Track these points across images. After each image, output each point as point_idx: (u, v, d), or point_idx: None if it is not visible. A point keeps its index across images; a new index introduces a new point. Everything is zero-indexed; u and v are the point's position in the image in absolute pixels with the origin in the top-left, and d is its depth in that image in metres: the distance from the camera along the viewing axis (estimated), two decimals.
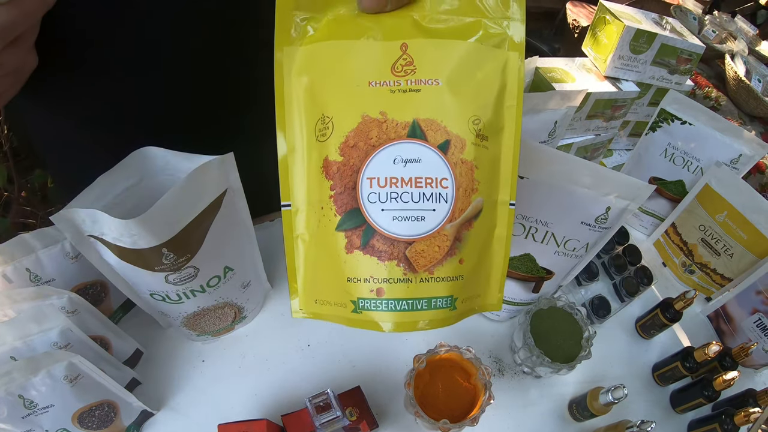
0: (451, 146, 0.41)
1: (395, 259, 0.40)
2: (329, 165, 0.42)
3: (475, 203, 0.42)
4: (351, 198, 0.41)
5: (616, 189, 0.64)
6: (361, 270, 0.41)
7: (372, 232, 0.40)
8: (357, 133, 0.41)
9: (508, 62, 0.43)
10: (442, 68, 0.41)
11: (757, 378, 0.92)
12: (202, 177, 0.54)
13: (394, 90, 0.41)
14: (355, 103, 0.41)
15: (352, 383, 0.70)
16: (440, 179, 0.40)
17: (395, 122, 0.40)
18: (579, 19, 2.37)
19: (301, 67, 0.43)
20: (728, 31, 1.97)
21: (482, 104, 0.42)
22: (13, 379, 0.51)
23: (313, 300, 0.46)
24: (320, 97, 0.42)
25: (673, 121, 0.96)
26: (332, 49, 0.42)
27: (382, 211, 0.40)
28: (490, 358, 0.82)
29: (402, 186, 0.40)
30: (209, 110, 0.73)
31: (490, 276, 0.47)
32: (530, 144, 0.62)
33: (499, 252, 0.46)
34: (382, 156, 0.40)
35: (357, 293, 0.42)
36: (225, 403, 0.71)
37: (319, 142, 0.42)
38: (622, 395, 0.68)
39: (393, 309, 0.41)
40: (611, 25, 0.98)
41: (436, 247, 0.41)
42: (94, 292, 0.69)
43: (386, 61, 0.41)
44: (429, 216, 0.40)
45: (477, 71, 0.42)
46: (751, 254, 0.89)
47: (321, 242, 0.43)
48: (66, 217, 0.52)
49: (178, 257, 0.56)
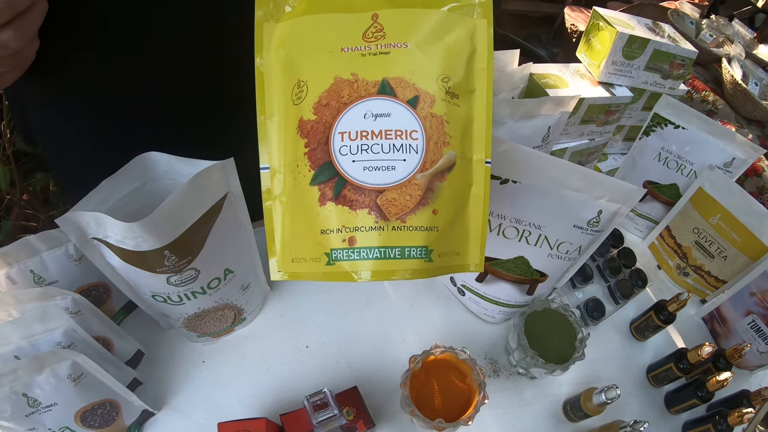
0: (420, 101, 0.43)
1: (366, 207, 0.42)
2: (304, 124, 0.44)
3: (448, 156, 0.44)
4: (324, 153, 0.43)
5: (607, 193, 0.65)
6: (333, 220, 0.43)
7: (343, 183, 0.42)
8: (329, 93, 0.43)
9: (477, 28, 0.46)
10: (411, 33, 0.44)
11: (751, 379, 0.93)
12: (203, 181, 0.55)
13: (365, 54, 0.43)
14: (328, 67, 0.43)
15: (349, 383, 0.71)
16: (410, 131, 0.42)
17: (365, 81, 0.43)
18: (577, 23, 2.38)
19: (279, 42, 0.46)
20: (725, 35, 1.98)
21: (451, 64, 0.44)
22: (17, 378, 0.52)
23: (290, 259, 0.47)
24: (296, 65, 0.45)
25: (666, 126, 0.97)
26: (308, 22, 0.45)
27: (353, 162, 0.42)
28: (486, 359, 0.83)
29: (372, 138, 0.42)
30: (208, 112, 0.74)
31: (469, 234, 0.47)
32: (523, 149, 0.63)
33: (476, 210, 0.47)
34: (352, 112, 0.43)
35: (330, 244, 0.43)
36: (225, 402, 0.72)
37: (294, 105, 0.45)
38: (615, 395, 0.69)
39: (365, 257, 0.42)
40: (604, 31, 1.00)
41: (407, 195, 0.42)
42: (97, 293, 0.71)
43: (358, 30, 0.44)
44: (399, 166, 0.42)
45: (446, 36, 0.44)
46: (744, 256, 0.90)
47: (297, 199, 0.45)
48: (71, 219, 0.53)
49: (180, 259, 0.57)
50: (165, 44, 0.64)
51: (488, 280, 0.79)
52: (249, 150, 0.73)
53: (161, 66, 0.66)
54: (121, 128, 0.70)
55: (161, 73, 0.67)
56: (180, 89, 0.69)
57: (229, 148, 0.60)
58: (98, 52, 0.62)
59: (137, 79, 0.66)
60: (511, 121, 0.75)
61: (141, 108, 0.69)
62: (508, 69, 0.84)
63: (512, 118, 0.75)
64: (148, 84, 0.67)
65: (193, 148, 0.61)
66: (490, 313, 0.84)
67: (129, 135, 0.69)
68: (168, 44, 0.64)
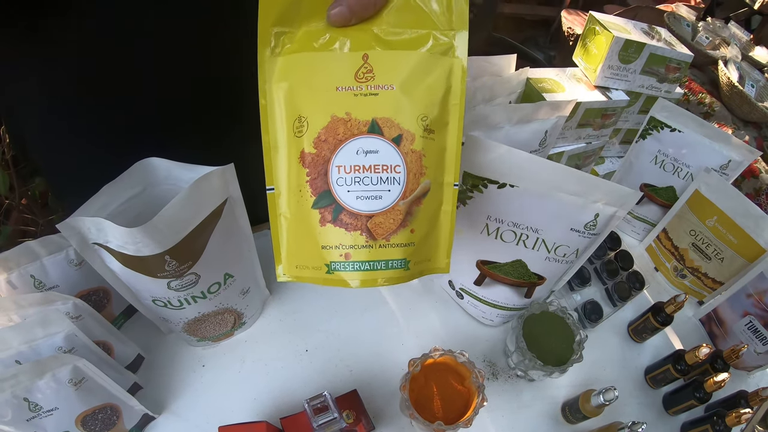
0: (403, 139, 0.50)
1: (359, 229, 0.50)
2: (305, 156, 0.50)
3: (423, 185, 0.51)
4: (323, 182, 0.50)
5: (604, 196, 0.66)
6: (332, 239, 0.50)
7: (340, 209, 0.50)
8: (327, 130, 0.49)
9: (453, 67, 0.52)
10: (396, 75, 0.50)
11: (749, 380, 0.93)
12: (204, 187, 0.56)
13: (357, 94, 0.49)
14: (325, 106, 0.49)
15: (349, 387, 0.72)
16: (394, 166, 0.50)
17: (358, 121, 0.49)
18: (574, 27, 2.39)
19: (280, 75, 0.51)
20: (722, 38, 1.99)
21: (429, 103, 0.51)
22: (19, 382, 0.53)
23: (294, 265, 0.54)
24: (297, 101, 0.50)
25: (662, 129, 0.98)
26: (306, 59, 0.50)
27: (348, 192, 0.49)
28: (484, 362, 0.83)
29: (363, 172, 0.49)
30: (206, 118, 0.74)
31: (439, 244, 0.56)
32: (520, 154, 0.64)
33: (445, 224, 0.55)
34: (347, 148, 0.49)
35: (329, 258, 0.51)
36: (225, 406, 0.72)
37: (296, 137, 0.50)
38: (613, 397, 0.69)
39: (358, 269, 0.50)
40: (601, 35, 1.00)
41: (391, 219, 0.50)
42: (97, 298, 0.71)
43: (350, 69, 0.49)
44: (385, 195, 0.50)
45: (426, 77, 0.51)
46: (741, 258, 0.91)
47: (299, 218, 0.52)
48: (71, 225, 0.53)
49: (180, 264, 0.57)
50: (165, 51, 0.65)
51: (486, 284, 0.79)
52: (249, 155, 0.73)
53: (161, 72, 0.67)
54: (120, 133, 0.70)
55: (161, 79, 0.67)
56: (179, 95, 0.70)
57: (228, 153, 0.61)
58: (98, 57, 0.63)
59: (136, 84, 0.67)
60: (508, 125, 0.76)
61: (140, 114, 0.69)
62: (505, 74, 0.85)
63: (509, 122, 0.76)
64: (148, 90, 0.67)
65: (192, 153, 0.61)
66: (488, 316, 0.85)
67: (128, 140, 0.70)
68: (168, 51, 0.65)
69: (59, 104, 0.67)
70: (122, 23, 0.61)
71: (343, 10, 0.48)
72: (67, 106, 0.67)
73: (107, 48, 0.62)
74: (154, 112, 0.70)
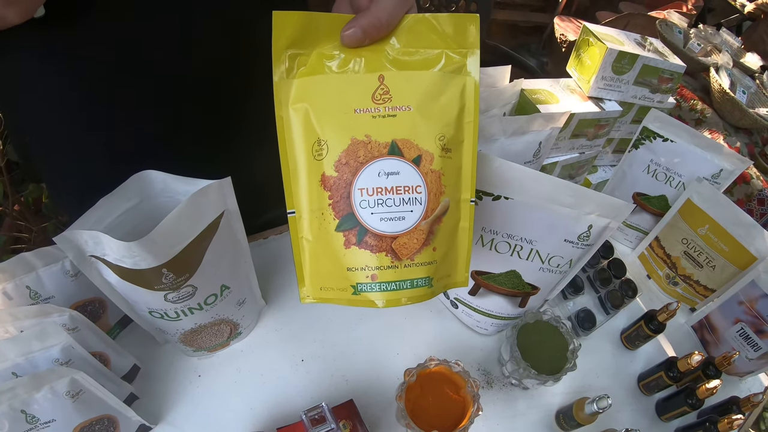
0: (422, 160, 0.50)
1: (384, 251, 0.50)
2: (326, 179, 0.50)
3: (444, 203, 0.52)
4: (346, 205, 0.50)
5: (597, 208, 0.67)
6: (358, 261, 0.51)
7: (365, 231, 0.50)
8: (348, 153, 0.49)
9: (466, 85, 0.53)
10: (412, 96, 0.50)
11: (741, 386, 0.94)
12: (201, 200, 0.56)
13: (375, 116, 0.50)
14: (345, 129, 0.50)
15: (345, 397, 0.72)
16: (415, 186, 0.50)
17: (378, 143, 0.49)
18: (566, 33, 2.41)
19: (296, 98, 0.51)
20: (713, 44, 2.00)
21: (446, 123, 0.52)
22: (16, 395, 0.53)
23: (318, 287, 0.54)
24: (315, 124, 0.50)
25: (655, 139, 0.99)
26: (322, 82, 0.50)
27: (372, 214, 0.50)
28: (479, 371, 0.83)
29: (386, 194, 0.50)
30: (209, 127, 0.75)
31: (458, 259, 0.57)
32: (514, 166, 0.65)
33: (463, 240, 0.56)
34: (368, 171, 0.49)
35: (356, 279, 0.51)
36: (221, 417, 0.72)
37: (316, 160, 0.50)
38: (607, 405, 0.70)
39: (384, 290, 0.51)
40: (594, 47, 1.01)
41: (414, 239, 0.51)
42: (93, 309, 0.71)
43: (367, 91, 0.50)
44: (408, 216, 0.50)
45: (441, 96, 0.51)
46: (732, 266, 0.92)
47: (323, 241, 0.52)
48: (68, 238, 0.54)
49: (177, 277, 0.58)
50: (170, 62, 0.65)
51: (481, 294, 0.80)
52: (248, 167, 0.74)
53: (163, 83, 0.67)
54: (120, 145, 0.71)
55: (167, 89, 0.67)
56: (180, 106, 0.70)
57: (232, 163, 0.61)
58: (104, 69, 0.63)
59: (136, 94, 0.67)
60: (503, 137, 0.77)
61: (140, 125, 0.70)
62: (500, 85, 0.85)
63: (504, 134, 0.77)
64: (148, 99, 0.68)
65: (195, 164, 0.62)
66: (483, 325, 0.85)
67: (127, 145, 0.70)
68: (173, 62, 0.65)
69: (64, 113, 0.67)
70: (131, 35, 0.61)
71: (356, 31, 0.48)
72: (70, 115, 0.67)
73: (114, 59, 0.62)
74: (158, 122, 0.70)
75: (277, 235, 0.95)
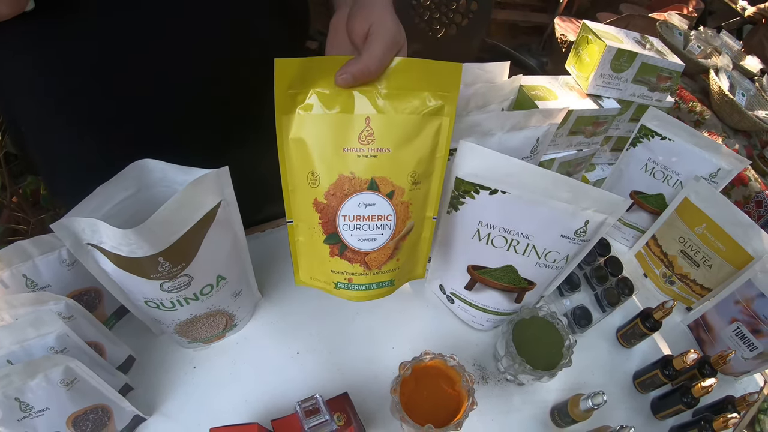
0: (395, 194, 0.61)
1: (359, 262, 0.64)
2: (318, 204, 0.62)
3: (408, 225, 0.65)
4: (332, 226, 0.62)
5: (594, 204, 0.67)
6: (339, 267, 0.65)
7: (345, 247, 0.63)
8: (335, 186, 0.60)
9: (442, 125, 0.61)
10: (392, 138, 0.59)
11: (736, 385, 0.94)
12: (198, 189, 0.56)
13: (360, 156, 0.59)
14: (334, 165, 0.60)
15: (340, 389, 0.72)
16: (387, 215, 0.62)
17: (360, 179, 0.60)
18: (567, 33, 2.41)
19: (296, 131, 0.59)
20: (713, 46, 2.00)
21: (418, 160, 0.61)
22: (11, 382, 0.53)
23: (309, 276, 0.70)
24: (310, 158, 0.60)
25: (653, 137, 0.99)
26: (317, 120, 0.59)
27: (351, 235, 0.62)
28: (474, 366, 0.84)
29: (363, 221, 0.61)
30: (205, 121, 0.75)
31: (417, 261, 0.72)
32: (512, 160, 0.65)
33: (423, 247, 0.71)
34: (351, 201, 0.60)
35: (336, 279, 0.66)
36: (216, 408, 0.73)
37: (311, 187, 0.61)
38: (602, 401, 0.70)
39: (357, 289, 0.66)
40: (593, 44, 1.01)
41: (383, 255, 0.64)
42: (89, 298, 0.71)
43: (355, 132, 0.59)
44: (378, 238, 0.63)
45: (417, 137, 0.61)
46: (729, 265, 0.92)
47: (313, 248, 0.66)
48: (65, 225, 0.54)
49: (174, 266, 0.58)
50: (170, 54, 0.65)
51: (477, 289, 0.80)
52: (246, 159, 0.73)
53: (165, 76, 0.67)
54: (119, 131, 0.70)
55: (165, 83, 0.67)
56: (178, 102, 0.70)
57: (227, 161, 0.61)
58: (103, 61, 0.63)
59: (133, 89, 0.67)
60: (501, 132, 0.77)
61: (142, 117, 0.69)
62: (498, 81, 0.85)
63: (501, 129, 0.76)
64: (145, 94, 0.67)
65: (194, 157, 0.62)
66: (478, 320, 0.85)
67: (125, 141, 0.70)
68: (174, 55, 0.65)
69: (61, 104, 0.67)
70: (130, 27, 0.61)
71: (347, 78, 0.55)
72: (69, 106, 0.67)
73: (113, 51, 0.62)
74: (156, 116, 0.70)
75: (274, 228, 0.96)
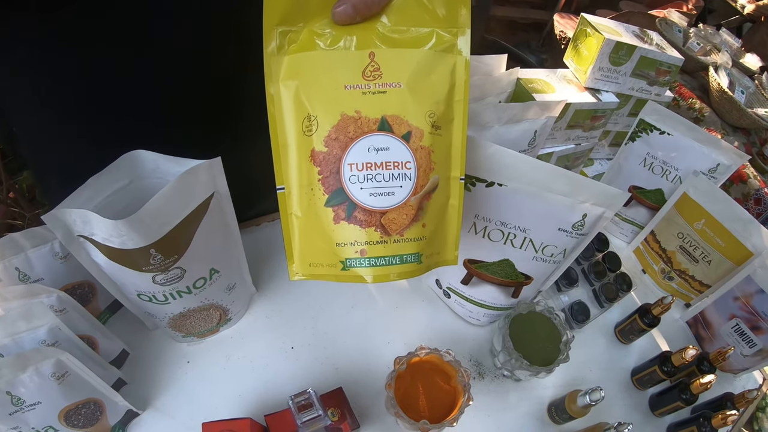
0: (412, 136, 0.51)
1: (373, 225, 0.51)
2: (316, 154, 0.51)
3: (433, 179, 0.53)
4: (336, 180, 0.51)
5: (592, 197, 0.66)
6: (347, 236, 0.52)
7: (354, 206, 0.51)
8: (338, 128, 0.50)
9: (456, 64, 0.53)
10: (402, 73, 0.51)
11: (735, 382, 0.94)
12: (190, 180, 0.56)
13: (365, 92, 0.50)
14: (335, 104, 0.50)
15: (334, 385, 0.72)
16: (405, 162, 0.51)
17: (368, 119, 0.50)
18: (566, 30, 2.40)
19: (287, 74, 0.51)
20: (713, 44, 2.00)
21: (436, 101, 0.52)
22: (1, 375, 0.52)
23: (307, 264, 0.55)
24: (305, 100, 0.51)
25: (652, 132, 0.98)
26: (313, 58, 0.51)
27: (361, 189, 0.50)
28: (471, 362, 0.83)
29: (375, 169, 0.50)
30: (201, 117, 0.74)
31: (447, 237, 0.58)
32: (508, 152, 0.64)
33: (453, 218, 0.57)
34: (358, 146, 0.50)
35: (345, 255, 0.52)
36: (209, 403, 0.72)
37: (306, 136, 0.51)
38: (599, 397, 0.69)
39: (373, 265, 0.52)
40: (592, 37, 1.01)
41: (404, 215, 0.52)
42: (82, 292, 0.70)
43: (358, 68, 0.50)
44: (397, 191, 0.51)
45: (431, 74, 0.52)
46: (728, 261, 0.91)
47: (312, 217, 0.53)
48: (57, 216, 0.53)
49: (166, 258, 0.57)
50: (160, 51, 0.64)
51: (473, 283, 0.80)
52: (245, 153, 0.73)
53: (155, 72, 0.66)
54: (110, 126, 0.70)
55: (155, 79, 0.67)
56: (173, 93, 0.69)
57: (223, 151, 0.61)
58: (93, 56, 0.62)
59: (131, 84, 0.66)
60: (498, 125, 0.76)
61: (133, 113, 0.69)
62: (496, 73, 0.85)
63: (499, 122, 0.76)
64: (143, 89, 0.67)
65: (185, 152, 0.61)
66: (475, 315, 0.85)
67: (116, 132, 0.69)
68: (163, 51, 0.64)
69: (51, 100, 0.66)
70: (121, 23, 0.60)
71: (347, 8, 0.48)
72: (61, 105, 0.67)
73: (104, 46, 0.61)
74: (147, 112, 0.69)
75: (269, 222, 0.95)
